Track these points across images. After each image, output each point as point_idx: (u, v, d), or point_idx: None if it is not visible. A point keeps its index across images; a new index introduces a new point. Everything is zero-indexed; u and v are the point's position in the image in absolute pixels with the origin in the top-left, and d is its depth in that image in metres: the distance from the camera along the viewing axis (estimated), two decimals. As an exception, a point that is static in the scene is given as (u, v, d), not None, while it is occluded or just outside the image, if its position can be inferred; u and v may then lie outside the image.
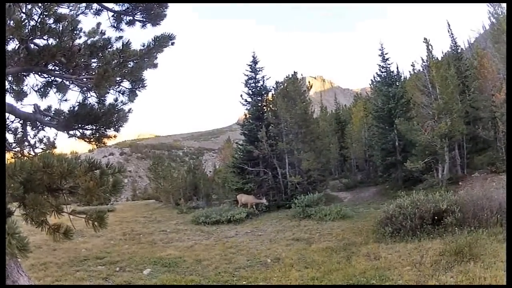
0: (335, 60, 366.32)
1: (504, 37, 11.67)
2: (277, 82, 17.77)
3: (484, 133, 14.28)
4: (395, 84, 17.76)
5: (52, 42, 3.89)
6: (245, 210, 13.59)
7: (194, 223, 12.85)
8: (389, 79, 18.24)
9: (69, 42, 3.92)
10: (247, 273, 6.03)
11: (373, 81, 21.42)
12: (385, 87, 17.40)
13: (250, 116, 17.86)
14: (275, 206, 14.98)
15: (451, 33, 19.91)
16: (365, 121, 21.64)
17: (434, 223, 6.83)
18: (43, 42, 3.94)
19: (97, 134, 4.42)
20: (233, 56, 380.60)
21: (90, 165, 3.02)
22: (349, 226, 9.56)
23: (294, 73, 17.41)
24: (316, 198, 12.57)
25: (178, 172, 24.36)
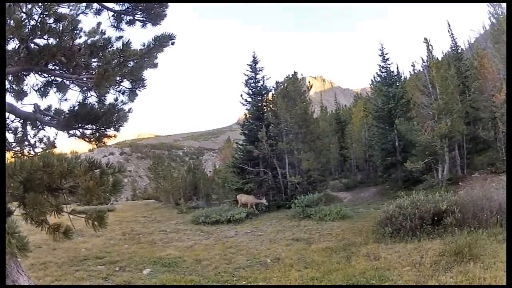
0: (335, 60, 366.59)
1: (504, 38, 11.67)
2: (277, 82, 17.82)
3: (484, 133, 14.27)
4: (395, 84, 17.78)
5: (52, 41, 3.90)
6: (245, 210, 13.59)
7: (194, 223, 12.86)
8: (389, 79, 18.26)
9: (69, 41, 3.92)
10: (247, 273, 6.03)
11: (373, 81, 21.44)
12: (385, 87, 17.41)
13: (250, 116, 17.87)
14: (275, 206, 14.98)
15: (451, 33, 19.91)
16: (365, 121, 21.67)
17: (434, 223, 6.83)
18: (43, 41, 3.94)
19: (97, 133, 4.42)
20: (233, 56, 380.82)
21: (90, 165, 3.02)
22: (349, 226, 9.56)
23: (294, 73, 17.41)
24: (316, 198, 12.57)
25: (178, 172, 24.39)
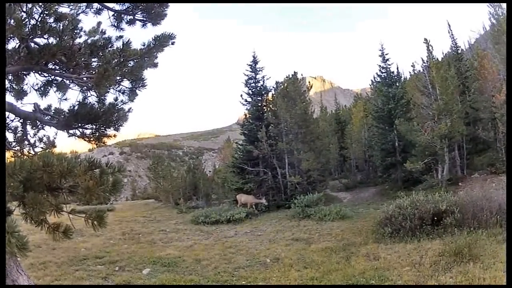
0: (335, 60, 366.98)
1: (504, 38, 11.67)
2: (277, 82, 17.83)
3: (484, 134, 14.26)
4: (395, 84, 17.78)
5: (53, 41, 3.89)
6: (244, 210, 13.58)
7: (194, 222, 12.86)
8: (389, 80, 18.27)
9: (69, 41, 3.91)
10: (247, 273, 6.03)
11: (373, 82, 21.46)
12: (385, 87, 17.40)
13: (250, 116, 17.87)
14: (274, 206, 14.99)
15: (451, 33, 19.90)
16: (365, 122, 21.67)
17: (434, 223, 6.83)
18: (43, 41, 3.94)
19: (97, 133, 4.42)
20: (233, 56, 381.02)
21: (89, 164, 3.01)
22: (349, 227, 9.56)
23: (294, 73, 17.41)
24: (316, 198, 12.57)
25: (178, 172, 24.43)
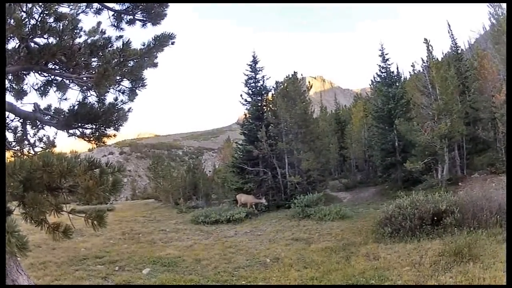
0: (335, 60, 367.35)
1: (504, 38, 11.67)
2: (277, 82, 17.82)
3: (484, 134, 14.26)
4: (395, 84, 17.78)
5: (53, 41, 3.89)
6: (244, 209, 13.58)
7: (194, 222, 12.86)
8: (389, 80, 18.27)
9: (69, 41, 3.91)
10: (247, 272, 6.03)
11: (373, 82, 21.47)
12: (385, 87, 17.40)
13: (250, 116, 17.86)
14: (274, 206, 14.98)
15: (451, 33, 19.92)
16: (365, 122, 21.67)
17: (434, 223, 6.83)
18: (43, 41, 3.94)
19: (97, 133, 4.42)
20: (233, 56, 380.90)
21: (89, 164, 3.01)
22: (349, 226, 9.56)
23: (294, 73, 17.40)
24: (316, 198, 12.57)
25: (178, 172, 24.44)
